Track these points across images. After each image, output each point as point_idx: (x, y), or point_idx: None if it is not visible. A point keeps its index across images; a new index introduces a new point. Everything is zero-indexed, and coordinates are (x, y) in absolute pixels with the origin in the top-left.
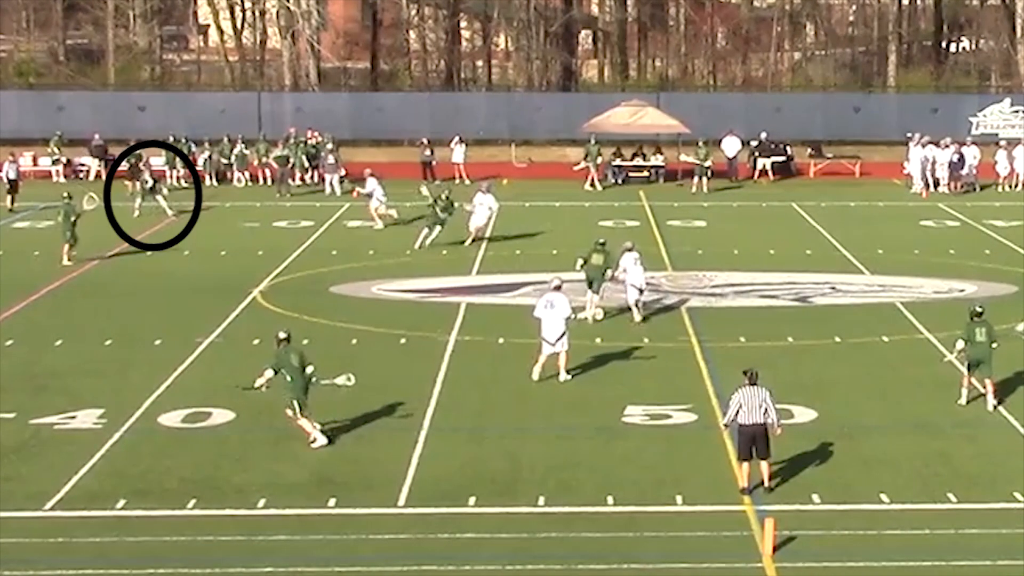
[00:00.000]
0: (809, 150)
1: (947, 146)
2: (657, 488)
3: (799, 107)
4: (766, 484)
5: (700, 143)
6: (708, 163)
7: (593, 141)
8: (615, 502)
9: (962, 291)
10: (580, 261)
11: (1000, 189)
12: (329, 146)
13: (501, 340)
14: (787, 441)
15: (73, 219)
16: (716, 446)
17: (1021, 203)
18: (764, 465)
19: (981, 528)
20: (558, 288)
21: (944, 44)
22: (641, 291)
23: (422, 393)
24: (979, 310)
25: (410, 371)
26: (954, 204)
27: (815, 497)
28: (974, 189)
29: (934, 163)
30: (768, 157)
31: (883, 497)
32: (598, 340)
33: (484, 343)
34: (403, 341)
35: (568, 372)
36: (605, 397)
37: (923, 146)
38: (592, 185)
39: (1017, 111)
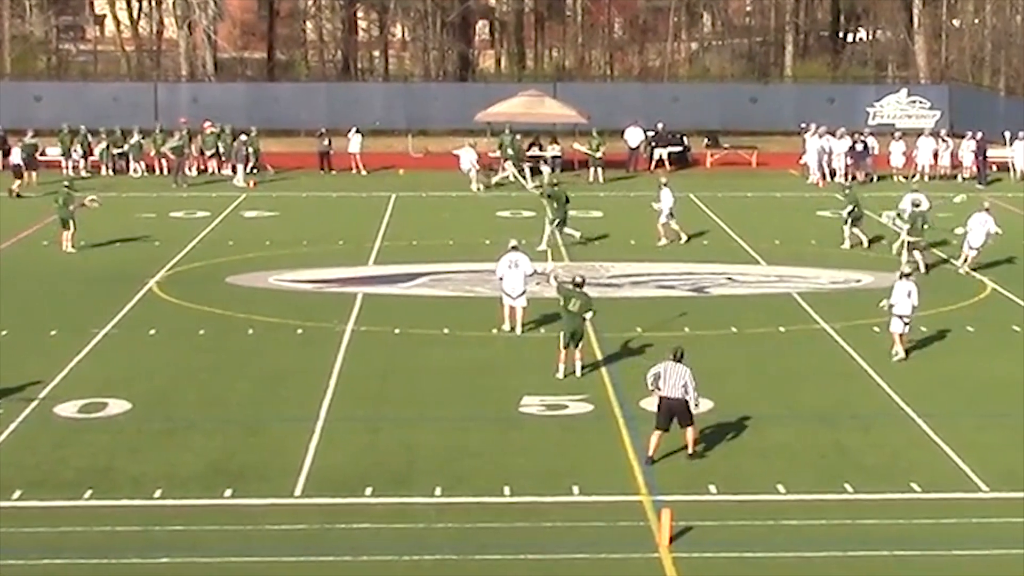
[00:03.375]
0: (706, 140)
1: (843, 136)
2: (553, 478)
3: (696, 97)
4: (690, 450)
5: (593, 133)
6: (600, 153)
7: (508, 131)
8: (511, 492)
9: (859, 281)
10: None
11: (897, 180)
12: (244, 137)
13: (397, 330)
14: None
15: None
16: (613, 436)
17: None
18: (689, 432)
19: (878, 519)
20: (515, 248)
21: (841, 34)
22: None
23: (318, 384)
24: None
25: (306, 361)
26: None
27: (712, 487)
28: (871, 180)
29: (831, 153)
30: (665, 147)
31: (780, 487)
32: (494, 331)
33: (380, 333)
34: (299, 331)
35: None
36: (502, 387)
37: (820, 136)
38: (516, 178)
39: (914, 101)
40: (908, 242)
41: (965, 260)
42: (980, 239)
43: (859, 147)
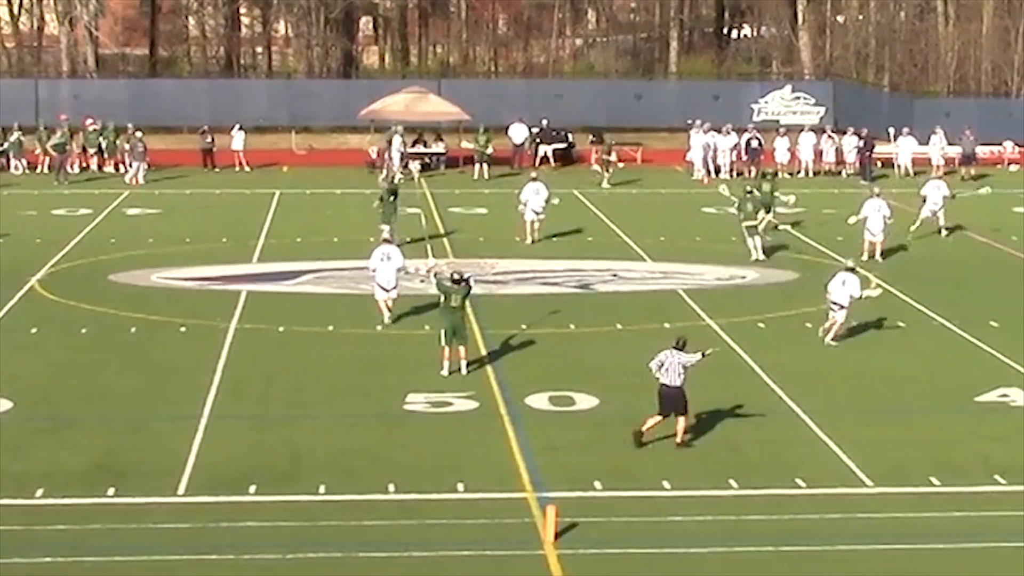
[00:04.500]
0: (591, 137)
1: (728, 133)
2: (438, 475)
3: (581, 94)
4: (678, 439)
5: (481, 130)
6: (489, 150)
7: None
8: (396, 489)
9: (743, 278)
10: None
11: (781, 176)
12: (139, 134)
13: (281, 328)
14: (568, 428)
15: None
16: (498, 433)
17: (805, 190)
18: (681, 421)
19: (763, 514)
20: (388, 241)
21: (726, 31)
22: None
23: (202, 381)
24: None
25: (190, 359)
26: (736, 191)
27: (597, 484)
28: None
29: (716, 150)
30: (550, 144)
31: (665, 483)
32: (378, 328)
33: (265, 331)
34: (183, 329)
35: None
36: (387, 384)
37: (705, 132)
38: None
39: (798, 98)
40: (746, 227)
41: (870, 252)
42: (879, 225)
43: (754, 143)
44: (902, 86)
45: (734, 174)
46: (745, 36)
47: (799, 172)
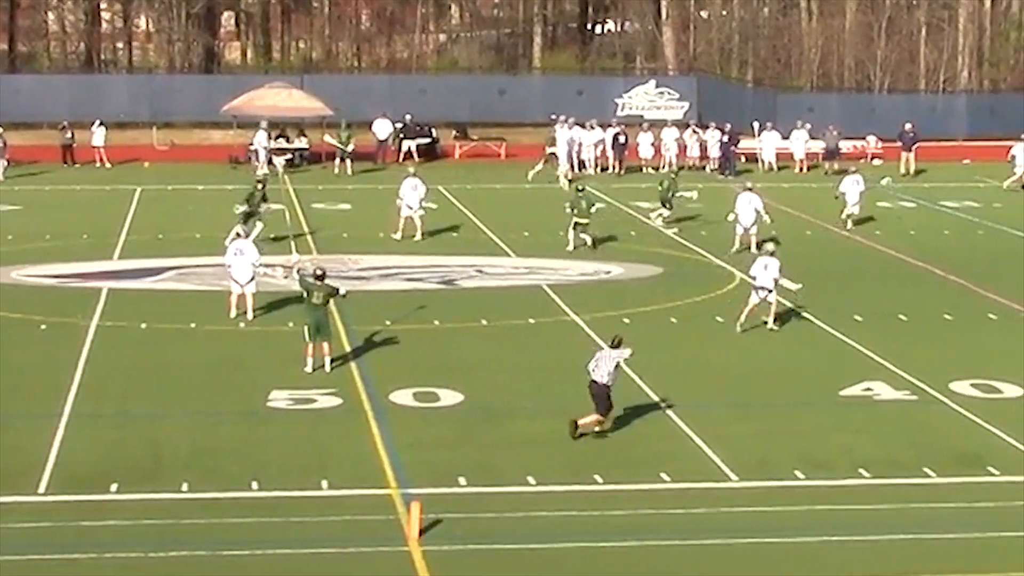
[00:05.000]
0: (455, 132)
1: (593, 128)
2: (302, 473)
3: (444, 89)
4: (582, 423)
5: (343, 125)
6: (351, 147)
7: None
8: (260, 487)
9: (608, 273)
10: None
11: (646, 171)
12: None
13: (144, 325)
14: (433, 424)
15: None
16: (362, 430)
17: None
18: (595, 416)
19: (628, 509)
20: (240, 236)
21: (589, 26)
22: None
23: (63, 379)
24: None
25: (50, 357)
26: (601, 186)
27: (461, 480)
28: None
29: (580, 145)
30: (414, 139)
31: (530, 479)
32: (241, 325)
33: (127, 328)
34: (43, 327)
35: (255, 313)
36: (250, 382)
37: (570, 128)
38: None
39: (662, 93)
40: (575, 223)
41: (744, 244)
42: (750, 218)
43: (622, 139)
44: (766, 81)
45: (599, 170)
46: (609, 31)
47: (663, 167)
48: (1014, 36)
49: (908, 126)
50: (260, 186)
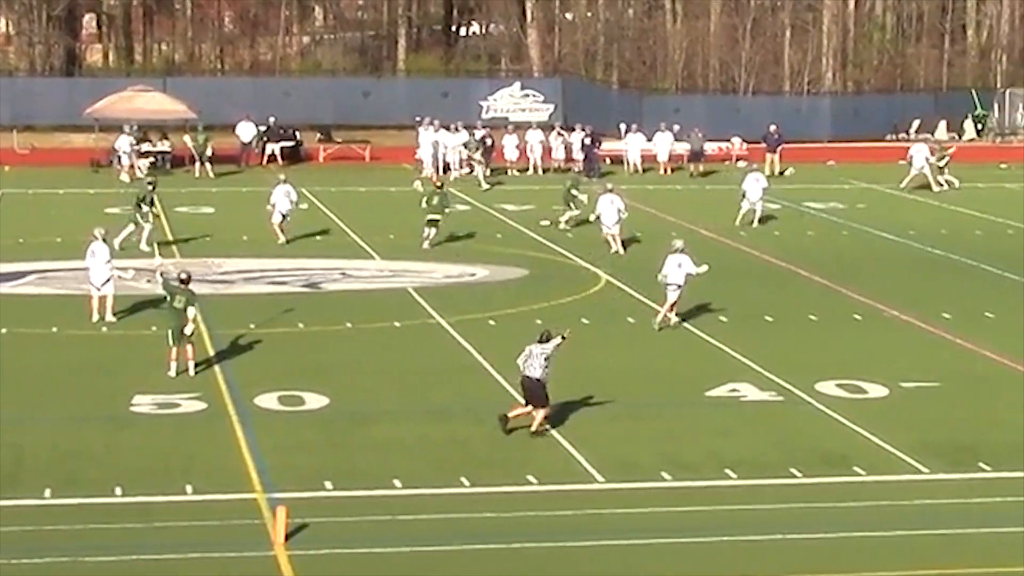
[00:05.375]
0: (319, 135)
1: (458, 130)
2: (166, 477)
3: (308, 92)
4: (534, 428)
5: (199, 128)
6: (209, 151)
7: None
8: (123, 492)
9: (473, 275)
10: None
11: (511, 173)
12: None
13: (3, 330)
14: (298, 428)
15: None
16: (226, 434)
17: (535, 187)
18: (540, 413)
19: (495, 511)
20: (97, 239)
21: (454, 28)
22: None
23: None
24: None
25: None
26: (466, 188)
27: (327, 484)
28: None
29: (445, 147)
30: (277, 142)
31: (396, 482)
32: (104, 329)
33: None
34: None
35: (115, 315)
36: (113, 386)
37: (436, 130)
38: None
39: (527, 95)
40: (429, 219)
41: (608, 244)
42: (613, 218)
43: (488, 141)
44: (631, 83)
45: (464, 172)
46: (474, 33)
47: (528, 170)
48: (877, 38)
49: (772, 128)
50: (151, 187)
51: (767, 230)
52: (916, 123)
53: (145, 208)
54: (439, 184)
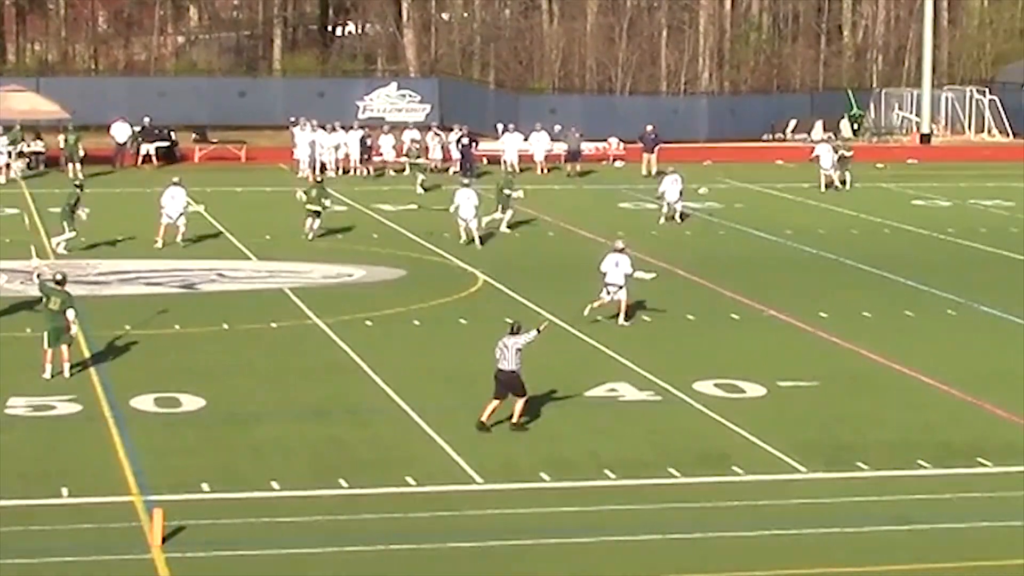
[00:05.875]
0: (194, 135)
1: (334, 130)
2: (42, 480)
3: (183, 92)
4: (515, 420)
5: (68, 128)
6: (82, 152)
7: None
8: None
9: (350, 276)
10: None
11: (389, 173)
12: None
13: None
14: (175, 430)
15: None
16: (103, 437)
17: (411, 187)
18: (520, 403)
19: (374, 513)
20: None
21: (330, 28)
22: None
23: None
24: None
25: None
26: (345, 189)
27: (205, 486)
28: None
29: (322, 148)
30: (152, 142)
31: (274, 484)
32: None
33: None
34: None
35: None
36: None
37: (314, 130)
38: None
39: (404, 95)
40: (309, 210)
41: (467, 237)
42: (470, 212)
43: (368, 142)
44: (508, 83)
45: (340, 172)
46: (350, 33)
47: (404, 171)
48: (754, 38)
49: (649, 127)
50: (79, 190)
51: (645, 229)
52: (792, 123)
53: (77, 212)
54: (319, 179)
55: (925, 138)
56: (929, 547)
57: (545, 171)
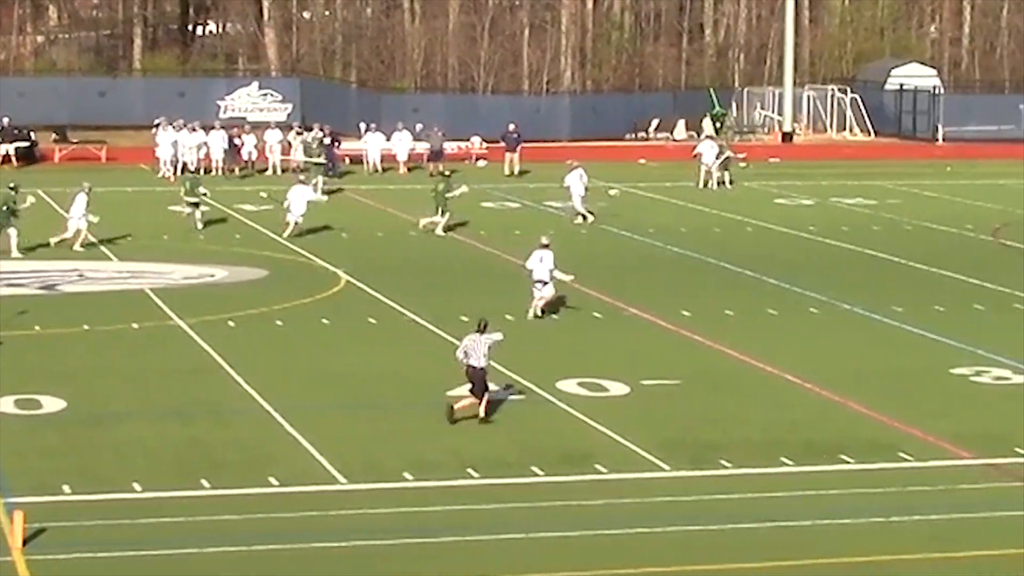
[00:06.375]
0: (54, 135)
1: (195, 130)
2: None
3: (43, 92)
4: (481, 414)
5: None
6: None
7: None
8: None
9: (212, 276)
10: None
11: (253, 174)
12: None
13: None
14: (36, 432)
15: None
16: None
17: (274, 187)
18: (483, 400)
19: (237, 514)
20: None
21: (191, 27)
22: None
23: None
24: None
25: None
26: (207, 188)
27: (66, 488)
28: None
29: (183, 148)
30: (12, 143)
31: (136, 486)
32: None
33: None
34: None
35: None
36: None
37: (177, 130)
38: None
39: (265, 94)
40: (188, 202)
41: (293, 232)
42: (301, 208)
43: (236, 142)
44: (370, 82)
45: (202, 172)
46: (211, 33)
47: (267, 171)
48: (616, 37)
49: (512, 127)
50: (14, 191)
51: (508, 229)
52: (655, 122)
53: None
54: (194, 171)
55: (787, 137)
56: (792, 544)
57: (407, 170)
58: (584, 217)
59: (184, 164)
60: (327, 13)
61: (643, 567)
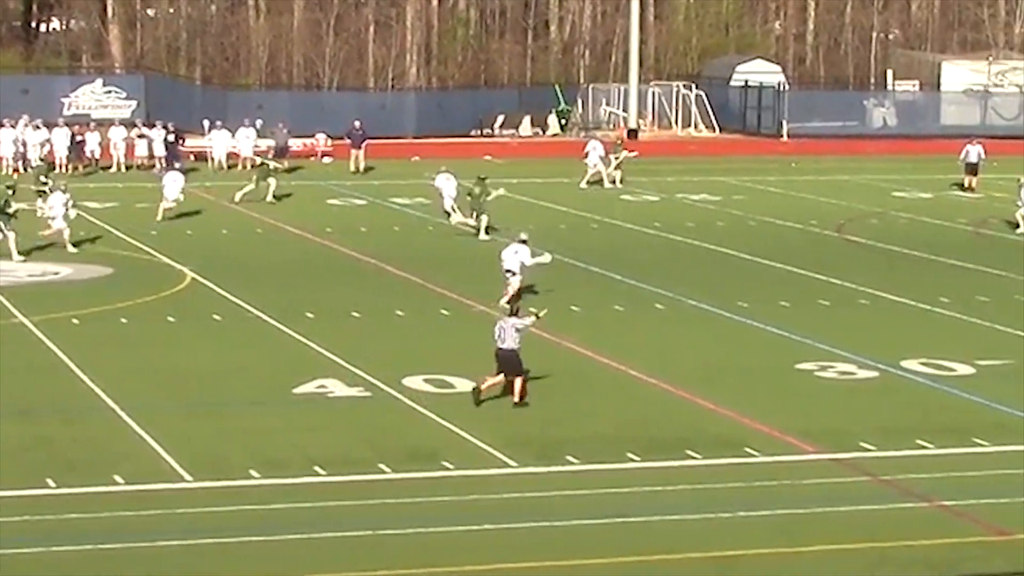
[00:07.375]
0: None
1: (38, 127)
2: None
3: None
4: (516, 399)
5: None
6: None
7: None
8: None
9: (57, 274)
10: None
11: (96, 171)
12: None
13: None
14: None
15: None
16: None
17: (118, 184)
18: (518, 382)
19: (83, 513)
20: None
21: (34, 24)
22: None
23: None
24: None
25: None
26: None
27: None
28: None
29: (26, 145)
30: None
31: None
32: None
33: None
34: None
35: None
36: None
37: (26, 128)
38: None
39: (109, 91)
40: (37, 191)
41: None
42: (173, 195)
43: (79, 139)
44: (215, 79)
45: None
46: (54, 30)
47: (111, 168)
48: (461, 34)
49: (357, 123)
50: (11, 192)
51: (354, 225)
52: (501, 118)
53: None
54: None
55: (632, 133)
56: (638, 540)
57: (252, 167)
58: (449, 215)
59: (27, 161)
60: (171, 10)
61: (491, 564)
